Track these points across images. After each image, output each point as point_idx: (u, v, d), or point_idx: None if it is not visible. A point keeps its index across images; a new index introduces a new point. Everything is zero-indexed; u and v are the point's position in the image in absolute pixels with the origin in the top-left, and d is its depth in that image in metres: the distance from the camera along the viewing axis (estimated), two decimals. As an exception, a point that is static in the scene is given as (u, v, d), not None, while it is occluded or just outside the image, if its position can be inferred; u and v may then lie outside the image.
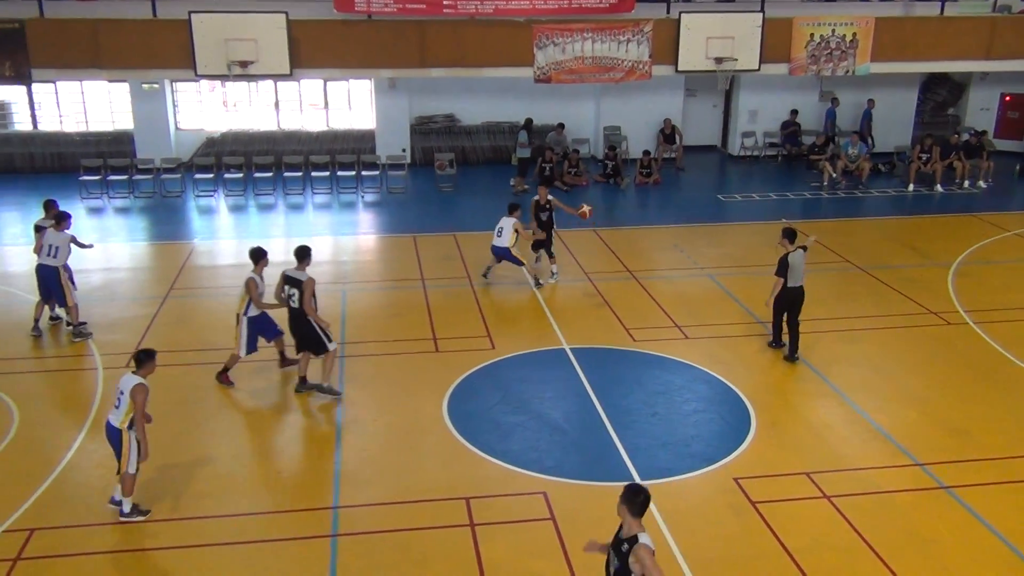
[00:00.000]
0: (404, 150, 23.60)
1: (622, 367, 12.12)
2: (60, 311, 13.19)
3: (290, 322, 11.16)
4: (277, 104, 24.48)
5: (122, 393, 8.45)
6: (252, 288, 11.15)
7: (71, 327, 12.89)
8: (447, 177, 22.02)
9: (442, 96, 24.40)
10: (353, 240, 18.24)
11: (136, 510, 8.67)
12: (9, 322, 13.21)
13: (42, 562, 8.06)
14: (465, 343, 12.85)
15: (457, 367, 12.06)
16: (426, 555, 8.24)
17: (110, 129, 23.83)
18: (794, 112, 24.86)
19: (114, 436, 8.55)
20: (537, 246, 15.43)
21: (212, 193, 21.46)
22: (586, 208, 15.44)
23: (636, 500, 6.06)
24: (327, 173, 22.07)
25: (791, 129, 24.89)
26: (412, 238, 17.88)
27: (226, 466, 9.71)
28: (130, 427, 8.45)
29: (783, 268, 11.92)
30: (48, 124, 23.93)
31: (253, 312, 11.27)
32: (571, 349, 12.58)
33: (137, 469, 8.57)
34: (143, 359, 8.58)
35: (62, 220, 12.84)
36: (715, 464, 9.79)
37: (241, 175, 21.68)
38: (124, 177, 21.21)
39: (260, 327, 11.46)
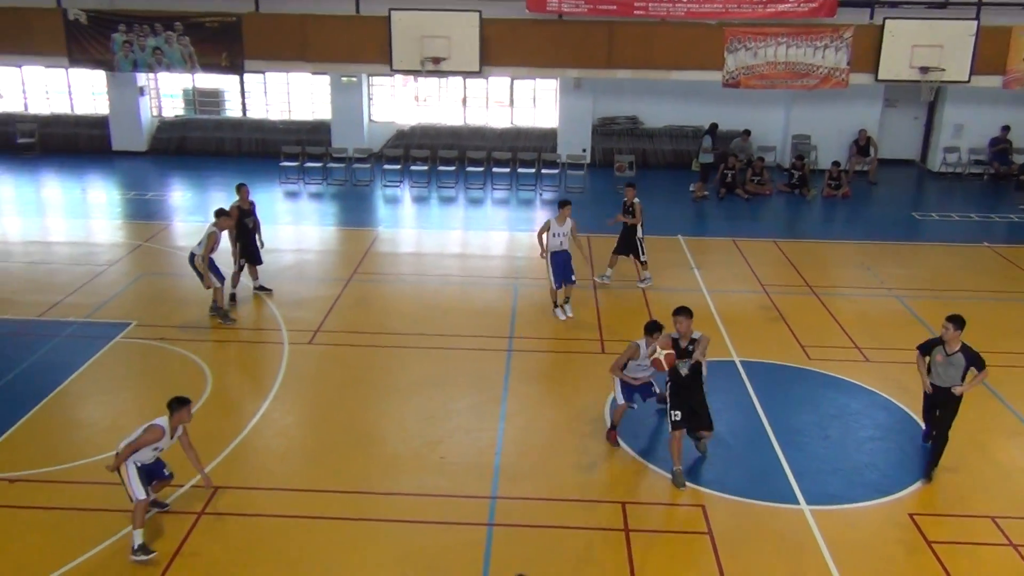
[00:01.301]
0: (584, 150, 23.67)
1: (795, 385, 11.66)
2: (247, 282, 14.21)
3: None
4: (465, 100, 25.14)
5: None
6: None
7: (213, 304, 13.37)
8: (626, 178, 21.91)
9: (626, 97, 24.29)
10: (528, 236, 18.45)
11: (143, 549, 7.97)
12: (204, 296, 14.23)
13: (222, 518, 8.64)
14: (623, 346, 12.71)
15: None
16: (579, 554, 8.23)
17: (310, 119, 25.27)
18: (1006, 128, 23.04)
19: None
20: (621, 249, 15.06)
21: (398, 184, 22.32)
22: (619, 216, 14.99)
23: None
24: (508, 170, 22.46)
25: (1001, 146, 23.09)
26: (587, 238, 17.88)
27: (393, 446, 10.07)
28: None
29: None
30: (255, 112, 25.65)
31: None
32: (741, 362, 12.22)
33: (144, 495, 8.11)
34: (175, 407, 8.23)
35: (219, 215, 13.26)
36: (889, 496, 9.23)
37: (426, 168, 22.43)
38: (319, 165, 22.44)
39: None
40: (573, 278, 13.61)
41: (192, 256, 13.10)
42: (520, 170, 22.39)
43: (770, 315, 13.94)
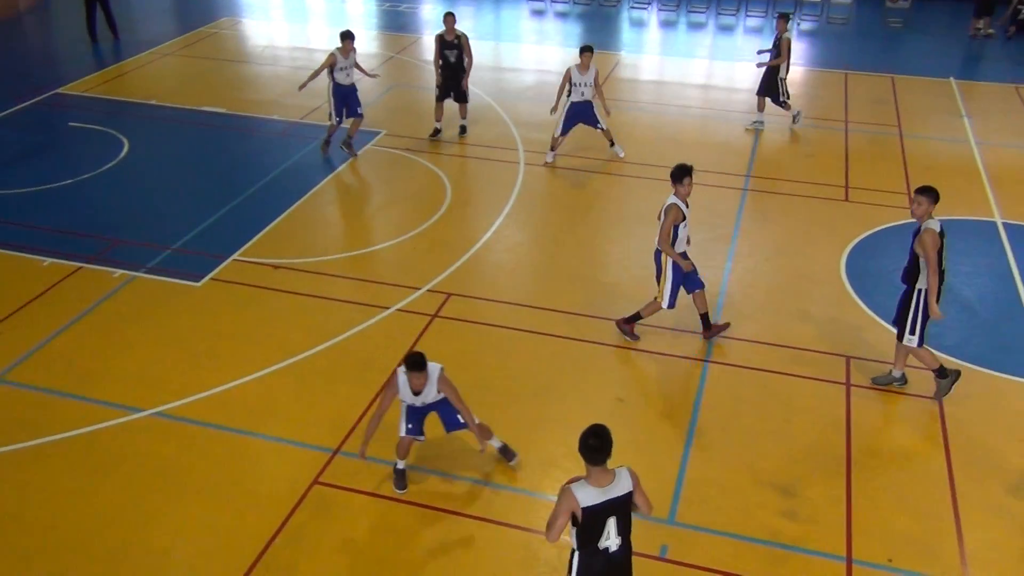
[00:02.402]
0: (855, -23, 21.53)
1: (1064, 255, 10.55)
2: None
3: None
4: (727, -84, 23.33)
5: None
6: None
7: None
8: (899, 11, 19.81)
9: (913, -83, 21.60)
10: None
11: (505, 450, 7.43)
12: (454, 108, 14.63)
13: (452, 323, 9.25)
14: (879, 196, 11.93)
15: (865, 220, 11.31)
16: (792, 400, 8.16)
17: (562, -68, 24.48)
18: None
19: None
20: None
21: (646, 6, 21.44)
22: None
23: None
24: (765, -5, 20.95)
25: None
26: (843, 75, 16.60)
27: (616, 274, 10.20)
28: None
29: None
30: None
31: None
32: (1004, 223, 11.16)
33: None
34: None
35: (344, 39, 12.54)
36: None
37: (678, -10, 21.34)
38: (568, -18, 21.92)
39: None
40: (601, 126, 12.71)
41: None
42: (779, -4, 20.81)
43: (1047, 176, 12.50)
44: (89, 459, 7.31)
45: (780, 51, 13.58)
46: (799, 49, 18.83)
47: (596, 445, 4.88)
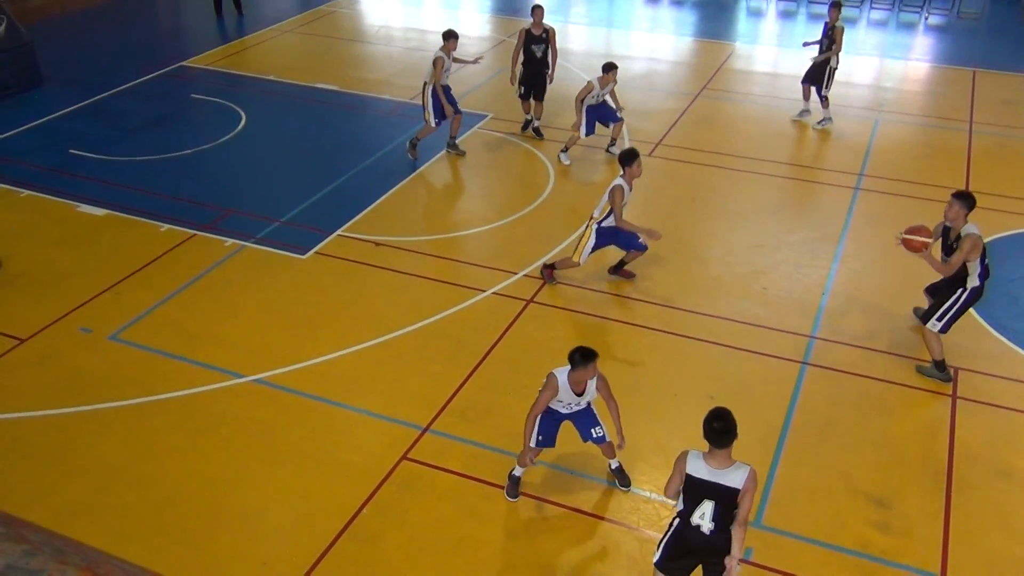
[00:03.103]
0: (991, -30, 20.45)
1: None
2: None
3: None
4: (856, -97, 22.47)
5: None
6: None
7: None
8: (1036, 8, 18.77)
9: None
10: (902, 65, 16.70)
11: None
12: (561, 95, 14.58)
13: (547, 309, 9.26)
14: (1000, 202, 11.36)
15: (985, 226, 10.59)
16: (892, 409, 7.87)
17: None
18: None
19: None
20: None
21: (765, -5, 20.90)
22: None
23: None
24: (893, -13, 20.12)
25: None
26: (972, 72, 15.83)
27: (716, 269, 10.04)
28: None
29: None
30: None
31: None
32: None
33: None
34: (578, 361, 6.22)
35: (447, 38, 12.03)
36: None
37: (799, -21, 20.70)
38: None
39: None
40: (618, 115, 12.30)
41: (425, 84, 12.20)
42: (907, -12, 19.94)
43: None
44: (190, 419, 7.64)
45: (834, 40, 13.02)
46: (925, 44, 18.07)
47: (720, 428, 5.03)
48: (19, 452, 7.27)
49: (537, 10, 12.68)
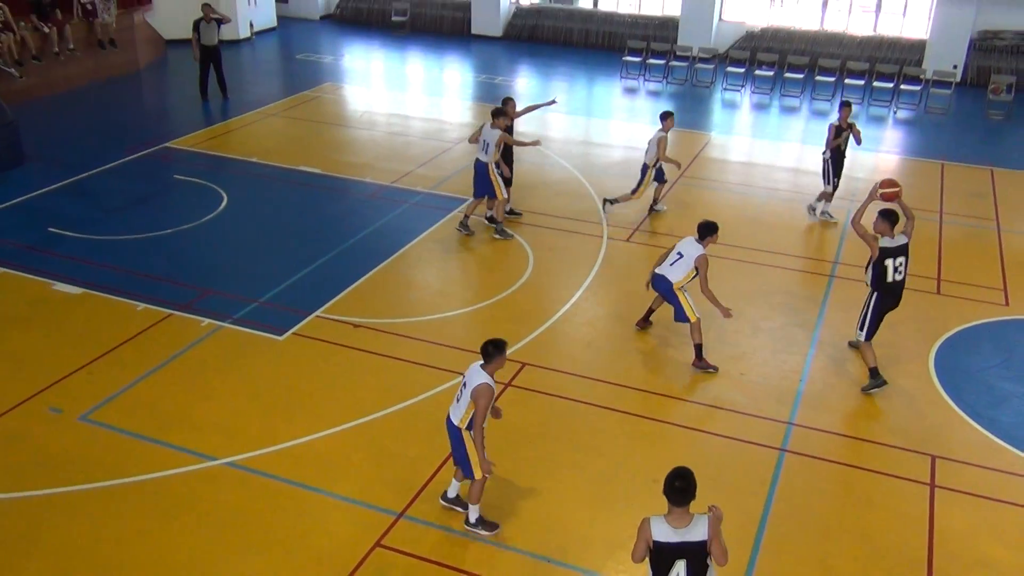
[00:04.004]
0: (955, 66, 21.19)
1: None
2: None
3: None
4: (826, 3, 23.42)
5: (464, 387, 6.93)
6: None
7: (493, 223, 12.86)
8: (1000, 104, 19.42)
9: (1018, 8, 21.24)
10: (872, 157, 17.13)
11: (482, 522, 7.24)
12: (541, 180, 14.81)
13: (525, 392, 9.23)
14: (973, 291, 11.55)
15: (957, 315, 10.94)
16: (871, 497, 7.84)
17: (658, 15, 24.91)
18: None
19: (454, 435, 7.10)
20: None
21: (740, 88, 21.52)
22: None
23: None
24: (862, 82, 20.77)
25: None
26: (940, 165, 16.27)
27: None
28: (468, 428, 6.94)
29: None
30: (606, 4, 25.73)
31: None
32: (1108, 328, 10.65)
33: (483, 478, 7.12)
34: (492, 352, 6.80)
35: (497, 116, 12.39)
36: None
37: (772, 73, 21.36)
38: (662, 62, 22.19)
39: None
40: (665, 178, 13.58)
41: (479, 162, 12.47)
42: (876, 83, 20.60)
43: None
44: (161, 503, 7.47)
45: (838, 134, 13.39)
46: (895, 137, 18.59)
47: (681, 487, 5.22)
48: (-20, 536, 7.06)
49: (508, 101, 12.96)
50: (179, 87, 20.48)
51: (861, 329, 9.32)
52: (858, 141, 13.50)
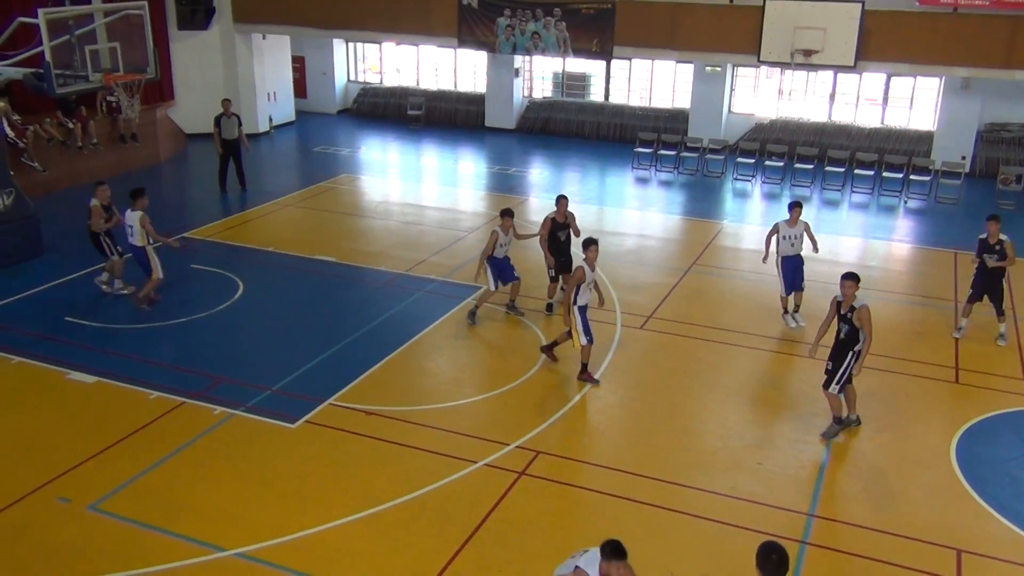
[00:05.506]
0: (964, 157, 21.42)
1: None
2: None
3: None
4: (833, 96, 23.86)
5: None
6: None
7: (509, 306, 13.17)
8: (1010, 193, 19.54)
9: (1022, 102, 21.59)
10: (886, 246, 17.19)
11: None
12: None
13: (538, 482, 9.08)
14: (993, 381, 11.41)
15: (977, 405, 10.78)
16: (898, 595, 7.60)
17: (668, 107, 25.40)
18: None
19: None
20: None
21: (750, 178, 21.78)
22: None
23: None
24: (871, 172, 20.99)
25: None
26: (953, 254, 16.28)
27: (711, 443, 9.94)
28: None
29: None
30: (617, 98, 26.29)
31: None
32: None
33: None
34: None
35: (505, 215, 12.70)
36: None
37: (781, 164, 21.63)
38: (673, 153, 22.52)
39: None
40: (803, 284, 13.07)
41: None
42: (886, 174, 20.80)
43: None
44: (167, 596, 7.32)
45: (1006, 255, 12.21)
46: (907, 227, 18.68)
47: (778, 561, 5.32)
48: (-18, 630, 6.91)
49: (562, 200, 13.25)
50: (199, 179, 20.89)
51: (837, 384, 9.82)
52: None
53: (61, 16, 15.45)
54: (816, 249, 13.45)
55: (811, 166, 21.39)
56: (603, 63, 25.40)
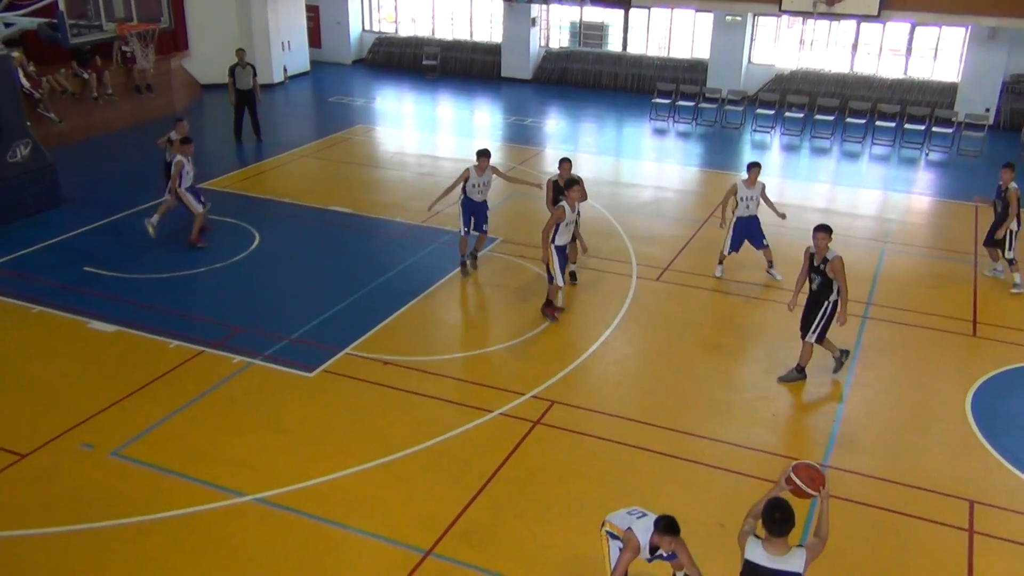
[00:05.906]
0: (988, 109, 21.08)
1: None
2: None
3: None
4: (855, 46, 23.45)
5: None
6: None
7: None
8: (1033, 145, 19.26)
9: (1051, 52, 21.16)
10: (905, 199, 17.02)
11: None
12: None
13: (553, 431, 9.16)
14: (1011, 334, 11.36)
15: (994, 358, 10.75)
16: (908, 544, 7.65)
17: (687, 57, 25.06)
18: None
19: None
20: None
21: (769, 130, 21.54)
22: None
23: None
24: (893, 124, 20.71)
25: None
26: (974, 207, 16.11)
27: (725, 393, 9.97)
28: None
29: None
30: (635, 48, 25.95)
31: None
32: None
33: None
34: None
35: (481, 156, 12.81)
36: None
37: (801, 115, 21.38)
38: (691, 104, 22.27)
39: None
40: (765, 242, 12.84)
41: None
42: (908, 126, 20.51)
43: None
44: (189, 540, 7.47)
45: (1008, 203, 12.39)
46: (927, 179, 18.47)
47: (781, 518, 5.38)
48: (15, 571, 7.08)
49: (564, 163, 12.58)
50: (214, 130, 20.84)
51: (814, 333, 9.89)
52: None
53: (75, -36, 15.31)
54: (781, 215, 13.07)
55: (832, 118, 21.11)
56: (621, 12, 25.02)
